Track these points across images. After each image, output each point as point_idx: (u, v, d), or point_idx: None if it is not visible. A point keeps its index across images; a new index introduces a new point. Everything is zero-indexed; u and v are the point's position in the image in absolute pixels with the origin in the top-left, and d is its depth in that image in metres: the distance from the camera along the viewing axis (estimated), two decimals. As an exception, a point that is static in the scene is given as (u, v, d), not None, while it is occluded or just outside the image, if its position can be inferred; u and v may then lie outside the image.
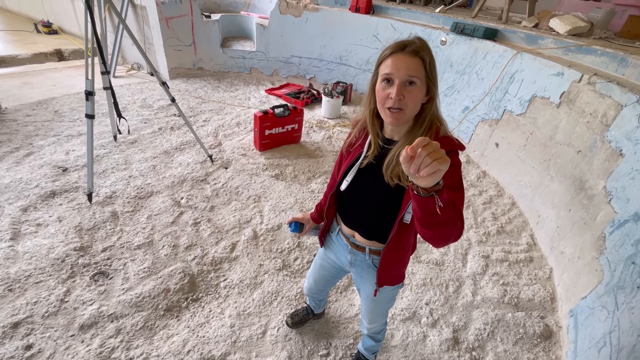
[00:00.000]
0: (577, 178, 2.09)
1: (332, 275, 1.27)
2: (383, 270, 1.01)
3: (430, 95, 0.83)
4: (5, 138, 2.74)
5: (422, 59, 0.78)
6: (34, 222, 2.01)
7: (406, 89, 0.79)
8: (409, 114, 0.82)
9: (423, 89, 0.81)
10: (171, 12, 4.01)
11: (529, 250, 2.27)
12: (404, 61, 0.77)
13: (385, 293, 1.10)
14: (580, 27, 2.89)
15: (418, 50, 0.78)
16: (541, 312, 1.85)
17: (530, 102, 2.64)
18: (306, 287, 1.43)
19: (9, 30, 5.46)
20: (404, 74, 0.78)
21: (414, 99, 0.80)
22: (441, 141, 0.82)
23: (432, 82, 0.82)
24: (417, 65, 0.78)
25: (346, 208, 1.05)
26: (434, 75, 0.82)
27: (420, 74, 0.78)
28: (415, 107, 0.82)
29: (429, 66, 0.79)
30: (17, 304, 1.56)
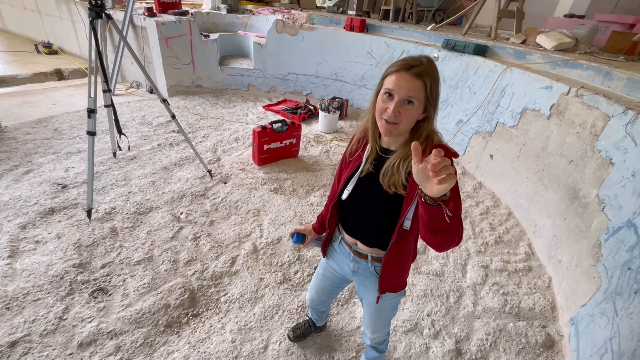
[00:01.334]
0: (570, 187, 2.14)
1: (334, 285, 1.28)
2: (385, 276, 1.02)
3: (427, 114, 0.87)
4: (4, 156, 2.75)
5: (424, 82, 0.82)
6: (33, 239, 2.00)
7: (403, 107, 0.83)
8: (402, 128, 0.87)
9: (420, 108, 0.85)
10: (171, 32, 4.12)
11: (527, 260, 2.29)
12: (406, 81, 0.81)
13: (387, 301, 1.11)
14: (565, 43, 3.02)
15: (422, 73, 0.81)
16: (542, 321, 1.85)
17: (522, 114, 2.72)
18: (308, 298, 1.44)
19: (10, 51, 5.55)
20: (404, 93, 0.82)
21: (408, 117, 0.84)
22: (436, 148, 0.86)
23: (430, 104, 0.85)
24: (418, 87, 0.81)
25: (348, 217, 1.07)
26: (434, 97, 0.85)
27: (419, 96, 0.82)
28: (410, 124, 0.87)
29: (429, 89, 0.83)
30: (14, 322, 1.54)
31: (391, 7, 4.69)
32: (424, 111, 0.86)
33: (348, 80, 4.59)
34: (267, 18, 4.96)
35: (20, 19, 6.21)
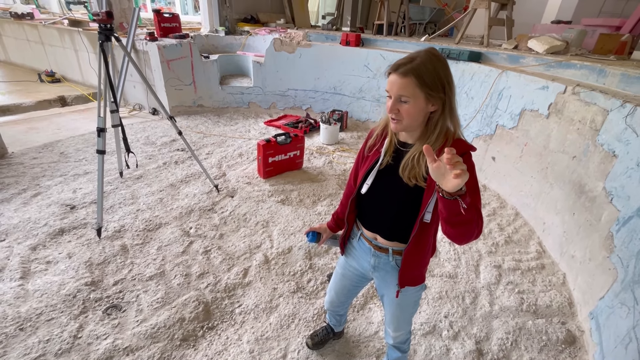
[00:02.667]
0: (576, 182, 2.16)
1: (354, 284, 1.28)
2: (405, 270, 1.03)
3: (437, 106, 0.87)
4: (12, 180, 2.77)
5: (412, 79, 0.83)
6: (44, 259, 2.00)
7: (400, 104, 0.87)
8: (406, 124, 0.89)
9: (418, 104, 0.86)
10: (172, 54, 4.24)
11: (539, 258, 2.28)
12: (395, 81, 0.85)
13: (408, 296, 1.11)
14: (557, 46, 3.12)
15: (408, 72, 0.83)
16: (561, 317, 1.83)
17: (521, 115, 2.78)
18: (327, 301, 1.42)
19: (13, 81, 5.67)
20: (395, 92, 0.86)
21: (407, 113, 0.87)
22: (454, 144, 0.88)
23: (433, 94, 0.85)
24: (407, 84, 0.83)
25: (367, 211, 1.09)
26: (437, 86, 0.84)
27: (411, 92, 0.84)
28: (412, 120, 0.88)
29: (422, 82, 0.83)
30: (29, 342, 1.51)
31: (384, 21, 4.85)
32: (433, 104, 0.87)
33: (346, 93, 4.69)
34: (264, 38, 5.12)
35: (24, 51, 6.38)
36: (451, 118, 0.90)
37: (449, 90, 0.87)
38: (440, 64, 0.85)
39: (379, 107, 4.48)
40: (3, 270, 1.89)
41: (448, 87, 0.86)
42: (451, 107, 0.89)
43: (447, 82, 0.86)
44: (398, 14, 5.12)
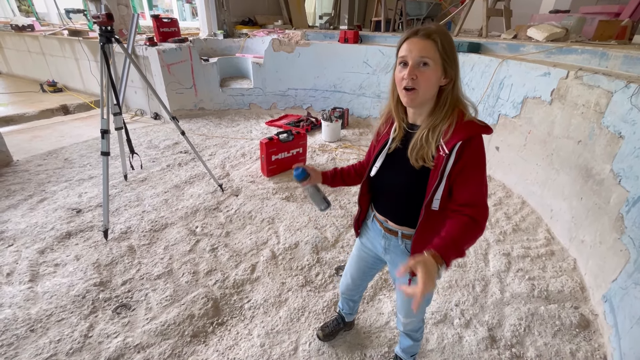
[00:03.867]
0: (582, 167, 2.14)
1: (369, 265, 1.26)
2: (415, 252, 1.01)
3: (449, 77, 0.86)
4: (18, 187, 2.79)
5: (434, 41, 0.82)
6: (52, 262, 2.00)
7: (419, 70, 0.84)
8: (422, 94, 0.86)
9: (438, 70, 0.84)
10: (172, 58, 4.27)
11: (548, 245, 2.26)
12: (416, 44, 0.83)
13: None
14: (556, 33, 3.10)
15: (430, 33, 0.82)
16: (573, 302, 1.81)
17: (523, 103, 2.77)
18: (343, 284, 1.41)
19: (16, 92, 5.72)
20: (416, 55, 0.83)
21: (426, 80, 0.84)
22: (464, 127, 0.85)
23: (448, 64, 0.85)
24: (430, 46, 0.82)
25: (377, 194, 1.08)
26: (451, 57, 0.85)
27: (432, 55, 0.83)
28: (429, 88, 0.86)
29: (441, 47, 0.82)
30: (40, 343, 1.51)
31: (382, 18, 4.86)
32: (445, 75, 0.86)
33: (347, 91, 4.69)
34: (262, 39, 5.14)
35: (25, 62, 6.45)
36: (460, 96, 0.89)
37: (457, 67, 0.88)
38: (451, 37, 0.87)
39: (379, 103, 4.48)
40: (12, 273, 1.90)
41: (457, 63, 0.87)
42: (458, 85, 0.89)
43: (457, 58, 0.87)
44: (395, 10, 5.13)
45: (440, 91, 0.89)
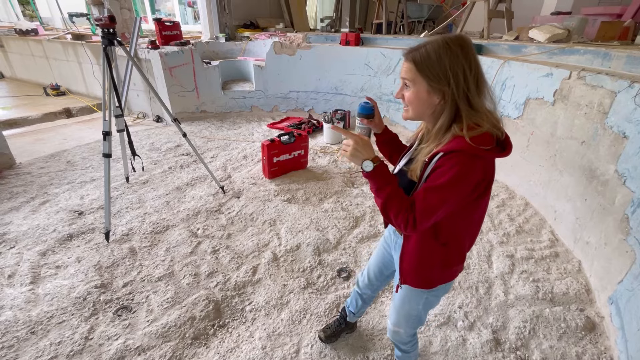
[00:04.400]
0: (586, 167, 2.12)
1: (385, 262, 1.24)
2: (403, 264, 1.01)
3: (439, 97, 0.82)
4: (21, 190, 2.79)
5: (410, 61, 0.82)
6: (53, 264, 2.00)
7: (405, 90, 0.87)
8: (412, 112, 0.88)
9: (420, 90, 0.83)
10: (174, 61, 4.29)
11: (553, 246, 2.24)
12: (403, 65, 0.86)
13: (409, 297, 1.08)
14: (558, 34, 3.09)
15: (408, 53, 0.83)
16: (579, 304, 1.79)
17: (525, 104, 2.75)
18: (361, 274, 1.39)
19: (20, 96, 5.76)
20: (401, 77, 0.87)
21: (409, 100, 0.87)
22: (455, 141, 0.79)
23: (435, 83, 0.80)
24: (408, 68, 0.83)
25: None
26: (436, 77, 0.79)
27: (410, 76, 0.83)
28: (415, 107, 0.87)
29: (420, 67, 0.80)
30: (40, 345, 1.51)
31: (383, 20, 4.87)
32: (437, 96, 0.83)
33: (348, 93, 4.69)
34: (264, 42, 5.15)
35: (29, 66, 6.50)
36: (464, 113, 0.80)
37: (456, 84, 0.79)
38: (449, 53, 0.78)
39: (380, 105, 4.47)
40: (13, 275, 1.90)
41: (455, 80, 0.78)
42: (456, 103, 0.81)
43: (455, 74, 0.78)
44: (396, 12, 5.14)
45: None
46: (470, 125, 0.80)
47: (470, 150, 0.76)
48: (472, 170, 0.78)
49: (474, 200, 0.86)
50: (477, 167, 0.78)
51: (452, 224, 0.90)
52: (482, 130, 0.79)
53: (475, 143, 0.76)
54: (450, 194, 0.79)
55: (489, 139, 0.80)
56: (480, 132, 0.79)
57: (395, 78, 4.18)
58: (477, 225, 0.97)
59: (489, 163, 0.83)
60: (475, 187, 0.81)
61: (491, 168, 0.84)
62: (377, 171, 0.86)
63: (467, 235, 0.97)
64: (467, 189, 0.80)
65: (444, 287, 1.05)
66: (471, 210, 0.90)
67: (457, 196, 0.80)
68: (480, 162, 0.78)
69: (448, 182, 0.78)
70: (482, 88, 0.83)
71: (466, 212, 0.89)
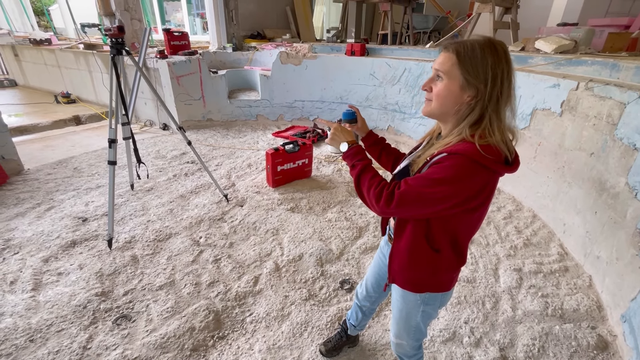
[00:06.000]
0: (595, 180, 2.08)
1: (381, 273, 1.22)
2: (392, 262, 1.00)
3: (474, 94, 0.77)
4: (27, 195, 2.82)
5: (452, 52, 0.77)
6: (55, 271, 2.00)
7: (434, 82, 0.83)
8: (434, 108, 0.83)
9: (452, 85, 0.78)
10: (181, 70, 4.35)
11: (562, 260, 2.18)
12: (439, 56, 0.82)
13: (403, 306, 1.05)
14: (565, 45, 3.08)
15: (450, 45, 0.78)
16: (590, 322, 1.72)
17: (532, 115, 2.72)
18: (359, 286, 1.37)
19: (31, 103, 5.89)
20: (434, 68, 0.83)
21: (437, 93, 0.81)
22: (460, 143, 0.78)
23: (472, 78, 0.76)
24: (446, 59, 0.78)
25: None
26: (476, 72, 0.75)
27: (446, 68, 0.78)
28: (441, 102, 0.81)
29: (461, 60, 0.76)
30: (38, 354, 1.49)
31: (388, 31, 4.91)
32: (468, 94, 0.78)
33: (353, 102, 4.70)
34: (270, 52, 5.22)
35: (42, 74, 6.66)
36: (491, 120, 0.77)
37: (492, 84, 0.75)
38: (494, 52, 0.75)
39: (385, 114, 4.48)
40: (15, 282, 1.90)
41: (493, 80, 0.75)
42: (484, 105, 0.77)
43: (495, 74, 0.75)
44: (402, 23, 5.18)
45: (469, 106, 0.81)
46: (481, 133, 0.78)
47: (475, 157, 0.74)
48: (472, 176, 0.75)
49: (470, 211, 0.83)
50: (478, 176, 0.75)
51: (445, 230, 0.88)
52: (489, 142, 0.76)
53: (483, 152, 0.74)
54: (440, 191, 0.75)
55: (494, 151, 0.76)
56: (487, 143, 0.76)
57: (400, 88, 4.18)
58: (469, 238, 0.95)
59: (492, 177, 0.79)
60: (472, 196, 0.78)
61: (494, 182, 0.81)
62: (352, 150, 0.95)
63: (461, 245, 0.94)
64: (462, 194, 0.76)
65: (440, 298, 1.03)
66: (467, 221, 0.88)
67: (447, 196, 0.75)
68: (483, 172, 0.76)
69: (442, 178, 0.75)
70: (511, 98, 0.80)
71: (463, 221, 0.87)
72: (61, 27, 8.62)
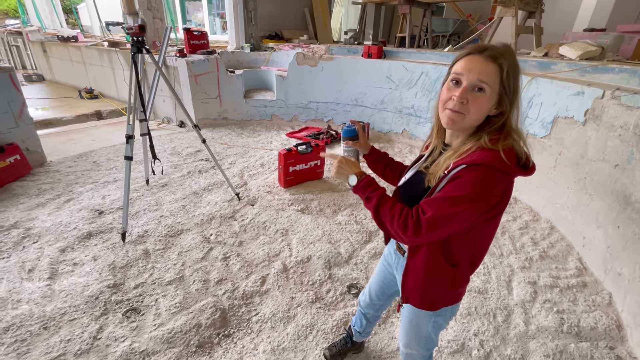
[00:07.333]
0: (619, 193, 1.99)
1: (386, 282, 1.20)
2: (407, 281, 0.96)
3: (503, 109, 0.77)
4: (48, 187, 2.92)
5: (499, 66, 0.73)
6: (71, 261, 2.06)
7: (472, 94, 0.75)
8: (469, 121, 0.78)
9: (492, 99, 0.75)
10: (200, 69, 4.43)
11: (580, 275, 2.09)
12: (478, 64, 0.74)
13: (414, 317, 1.02)
14: (591, 52, 2.96)
15: (497, 56, 0.73)
16: (608, 341, 1.65)
17: (554, 123, 2.63)
18: (363, 293, 1.35)
19: (57, 98, 6.12)
20: (474, 77, 0.74)
21: (478, 107, 0.75)
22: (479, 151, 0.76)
23: (507, 95, 0.75)
24: (492, 71, 0.73)
25: None
26: (513, 88, 0.75)
27: (492, 82, 0.74)
28: (478, 116, 0.77)
29: (506, 75, 0.73)
30: (51, 342, 1.54)
31: (406, 34, 4.85)
32: (498, 105, 0.76)
33: (368, 105, 4.67)
34: (287, 53, 5.25)
35: (68, 70, 6.91)
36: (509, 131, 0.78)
37: (516, 100, 0.77)
38: (518, 64, 0.76)
39: (400, 118, 4.42)
40: (33, 270, 1.96)
41: (516, 92, 0.76)
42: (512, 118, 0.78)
43: (518, 86, 0.77)
44: (420, 26, 5.11)
45: (488, 121, 0.80)
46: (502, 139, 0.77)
47: (496, 164, 0.72)
48: (494, 186, 0.74)
49: (491, 219, 0.82)
50: (500, 183, 0.75)
51: (465, 243, 0.86)
52: (510, 145, 0.76)
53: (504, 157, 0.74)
54: (468, 208, 0.73)
55: (513, 156, 0.76)
56: (508, 147, 0.76)
57: (416, 92, 4.12)
58: (487, 247, 0.93)
59: (511, 182, 0.79)
60: (495, 204, 0.76)
61: (511, 187, 0.80)
62: (363, 182, 0.88)
63: (479, 256, 0.92)
64: (487, 205, 0.75)
65: (450, 309, 1.00)
66: (485, 230, 0.86)
67: (474, 211, 0.74)
68: (503, 178, 0.75)
69: (467, 195, 0.73)
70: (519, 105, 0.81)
71: (482, 231, 0.85)
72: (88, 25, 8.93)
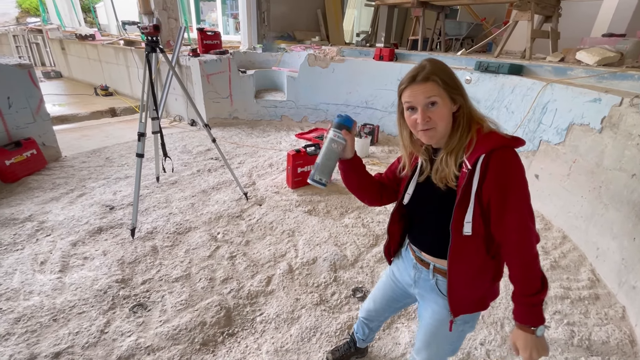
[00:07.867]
0: (636, 203, 1.93)
1: (394, 297, 1.19)
2: (454, 292, 0.92)
3: (459, 103, 0.87)
4: (62, 181, 2.99)
5: (434, 81, 0.83)
6: (82, 255, 2.10)
7: (430, 110, 0.84)
8: (442, 129, 0.86)
9: (447, 103, 0.85)
10: (212, 69, 4.48)
11: (593, 287, 2.03)
12: (418, 89, 0.83)
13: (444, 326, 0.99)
14: (609, 57, 2.89)
15: (428, 76, 0.82)
16: (621, 357, 1.60)
17: (568, 130, 2.57)
18: (364, 306, 1.33)
19: (73, 94, 6.27)
20: (422, 99, 0.83)
21: (441, 116, 0.85)
22: (485, 139, 0.84)
23: (455, 93, 0.85)
24: (431, 87, 0.83)
25: (411, 223, 1.04)
26: (454, 85, 0.86)
27: (437, 92, 0.83)
28: (445, 122, 0.86)
29: (443, 82, 0.83)
30: (60, 334, 1.57)
31: (419, 37, 4.82)
32: (454, 103, 0.87)
33: (378, 107, 4.65)
34: (299, 54, 5.27)
35: (84, 67, 7.07)
36: (475, 114, 0.89)
37: (462, 90, 0.88)
38: (447, 67, 0.87)
39: (411, 121, 4.38)
40: (45, 262, 2.01)
41: (461, 86, 0.88)
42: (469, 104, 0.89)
43: (459, 81, 0.88)
44: (433, 29, 5.07)
45: (454, 116, 0.89)
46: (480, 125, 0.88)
47: (508, 143, 0.82)
48: (520, 163, 0.83)
49: None
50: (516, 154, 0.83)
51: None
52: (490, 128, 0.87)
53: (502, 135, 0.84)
54: (523, 191, 0.83)
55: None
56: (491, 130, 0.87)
57: (428, 95, 4.08)
58: None
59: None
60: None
61: None
62: (535, 322, 0.88)
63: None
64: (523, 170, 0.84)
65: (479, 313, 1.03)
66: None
67: (525, 183, 0.83)
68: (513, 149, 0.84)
69: (517, 182, 0.82)
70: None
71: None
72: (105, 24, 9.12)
